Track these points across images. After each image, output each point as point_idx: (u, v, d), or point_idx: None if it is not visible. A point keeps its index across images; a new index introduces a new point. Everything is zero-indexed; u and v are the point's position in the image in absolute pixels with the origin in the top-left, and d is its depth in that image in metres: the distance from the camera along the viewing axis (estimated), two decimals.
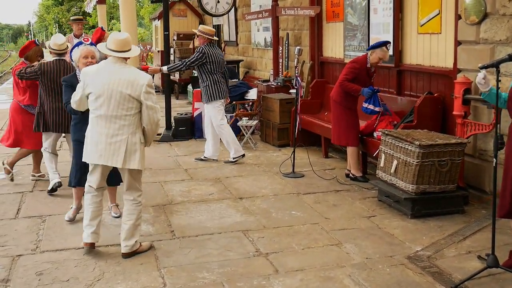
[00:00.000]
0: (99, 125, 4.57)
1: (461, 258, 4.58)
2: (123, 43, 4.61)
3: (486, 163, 5.95)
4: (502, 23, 5.58)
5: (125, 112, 4.53)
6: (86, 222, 4.78)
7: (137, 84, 4.52)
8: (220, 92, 7.76)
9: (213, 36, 7.89)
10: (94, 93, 4.54)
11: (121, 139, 4.54)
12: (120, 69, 4.57)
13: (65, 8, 62.99)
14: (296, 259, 4.62)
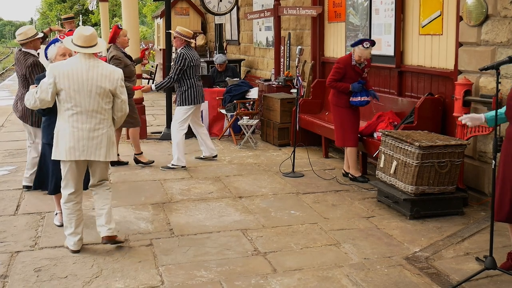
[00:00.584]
0: (79, 121, 4.54)
1: (459, 260, 4.58)
2: (90, 38, 4.61)
3: (485, 165, 5.95)
4: (504, 25, 5.58)
5: (104, 106, 4.61)
6: (71, 230, 4.75)
7: (113, 78, 4.63)
8: (195, 97, 7.53)
9: (191, 39, 7.64)
10: (71, 89, 4.49)
11: (102, 132, 4.62)
12: (95, 64, 4.59)
13: (67, 5, 62.95)
14: (294, 258, 4.62)
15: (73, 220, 4.75)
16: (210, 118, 9.79)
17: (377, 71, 7.93)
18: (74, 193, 4.73)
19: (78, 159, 4.59)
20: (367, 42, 6.68)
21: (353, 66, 6.80)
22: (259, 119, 9.45)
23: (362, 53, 6.68)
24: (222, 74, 10.75)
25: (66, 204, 4.75)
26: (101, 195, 4.86)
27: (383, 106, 7.45)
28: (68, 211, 4.75)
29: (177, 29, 7.66)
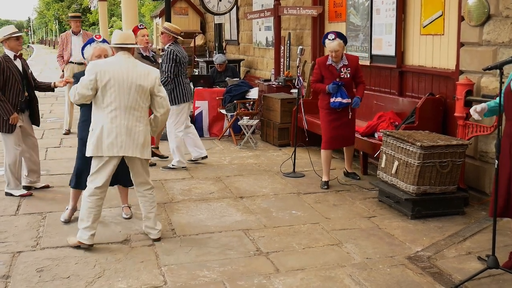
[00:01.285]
0: (118, 118, 4.67)
1: (461, 259, 4.59)
2: (127, 36, 4.85)
3: (486, 164, 5.96)
4: (505, 25, 5.58)
5: (141, 103, 4.75)
6: (87, 224, 4.76)
7: (151, 77, 4.78)
8: (184, 95, 7.42)
9: (179, 35, 7.50)
10: (112, 86, 4.63)
11: (139, 130, 4.75)
12: (134, 63, 4.78)
13: (65, 5, 62.99)
14: (297, 258, 4.63)
15: (92, 215, 4.78)
16: (210, 118, 9.79)
17: (378, 71, 7.94)
18: (101, 188, 4.79)
19: (116, 155, 4.70)
20: (332, 34, 6.45)
21: (327, 66, 6.55)
22: (259, 119, 9.45)
23: (329, 46, 6.42)
24: (222, 74, 10.75)
25: (90, 197, 4.77)
26: (148, 198, 4.99)
27: (384, 106, 7.46)
28: (90, 205, 4.77)
29: (165, 24, 7.54)
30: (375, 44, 7.82)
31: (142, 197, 5.00)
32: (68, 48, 9.95)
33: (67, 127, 10.17)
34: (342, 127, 6.69)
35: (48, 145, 9.06)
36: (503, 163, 4.19)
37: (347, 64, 6.52)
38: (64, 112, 10.40)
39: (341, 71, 6.51)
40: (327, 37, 6.47)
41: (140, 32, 7.55)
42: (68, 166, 7.58)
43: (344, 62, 6.52)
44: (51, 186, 6.74)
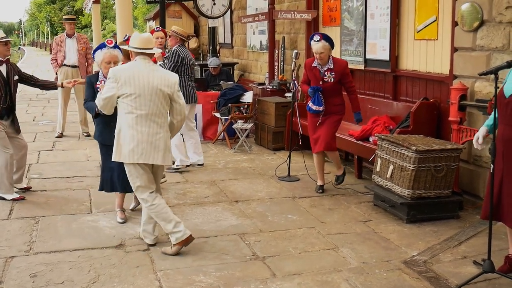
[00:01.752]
0: (140, 124, 4.63)
1: (457, 263, 4.60)
2: (148, 40, 4.78)
3: (480, 169, 5.98)
4: (499, 30, 5.61)
5: (163, 109, 4.71)
6: (174, 222, 4.71)
7: (170, 82, 4.74)
8: (187, 97, 7.43)
9: (185, 37, 7.66)
10: (134, 93, 4.59)
11: (160, 136, 4.71)
12: (154, 68, 4.74)
13: (57, 7, 62.76)
14: (293, 263, 4.62)
15: (169, 212, 4.77)
16: (204, 121, 9.78)
17: (372, 75, 7.96)
18: (153, 192, 4.77)
19: (137, 162, 4.66)
20: (317, 36, 6.24)
21: (312, 68, 6.38)
22: (253, 123, 9.45)
23: (313, 47, 6.23)
24: (216, 77, 10.74)
25: (154, 202, 4.73)
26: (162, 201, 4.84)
27: (378, 111, 7.48)
28: (160, 206, 4.74)
29: (173, 28, 7.73)
30: (370, 49, 7.84)
31: (163, 202, 4.86)
32: (62, 50, 9.91)
33: (60, 130, 10.12)
34: (318, 130, 6.54)
35: (40, 148, 9.00)
36: (497, 165, 4.22)
37: (332, 68, 6.28)
38: (57, 115, 10.35)
39: (324, 74, 6.30)
40: (313, 38, 6.29)
41: (154, 34, 7.63)
42: (61, 170, 7.56)
43: (330, 66, 6.28)
44: (32, 189, 6.68)
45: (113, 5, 46.97)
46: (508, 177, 4.16)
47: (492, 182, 4.20)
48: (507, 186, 4.17)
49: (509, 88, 4.12)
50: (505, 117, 4.14)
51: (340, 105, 6.46)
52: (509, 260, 4.36)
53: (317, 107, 6.35)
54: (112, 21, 46.54)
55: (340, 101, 6.46)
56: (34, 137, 9.87)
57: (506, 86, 4.16)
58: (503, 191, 4.20)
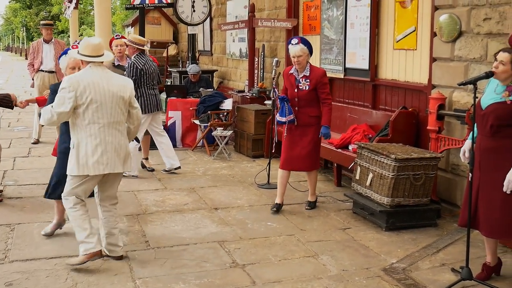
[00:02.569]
0: (104, 134, 4.45)
1: (435, 271, 4.64)
2: (99, 47, 4.53)
3: (458, 177, 6.05)
4: (477, 41, 5.70)
5: (123, 117, 4.59)
6: (87, 232, 4.52)
7: (126, 88, 4.60)
8: (147, 106, 7.41)
9: (144, 46, 7.55)
10: (95, 102, 4.38)
11: (122, 144, 4.59)
12: (110, 75, 4.56)
13: (33, 12, 62.04)
14: (273, 270, 4.61)
15: (87, 220, 4.56)
16: (183, 128, 9.75)
17: (351, 84, 8.02)
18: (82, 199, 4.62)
19: (102, 172, 4.48)
20: (295, 39, 5.96)
21: (289, 75, 6.09)
22: (233, 130, 9.44)
23: (291, 51, 5.92)
24: (195, 84, 10.72)
25: (75, 206, 4.54)
26: (113, 213, 4.77)
27: (358, 119, 7.53)
28: (80, 212, 4.55)
29: (129, 37, 7.69)
30: (349, 58, 7.90)
31: (107, 212, 4.74)
32: (39, 56, 9.80)
33: (36, 136, 9.98)
34: (294, 147, 6.12)
35: (16, 154, 8.87)
36: (473, 175, 4.29)
37: (308, 75, 5.96)
38: (33, 121, 10.22)
39: (300, 81, 5.98)
40: (291, 42, 6.00)
41: (114, 42, 7.59)
42: (37, 177, 7.45)
43: (306, 73, 5.97)
44: (8, 196, 6.57)
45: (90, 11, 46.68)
46: (484, 187, 4.24)
47: (471, 190, 4.27)
48: (482, 195, 4.24)
49: (485, 100, 4.22)
50: (481, 128, 4.23)
51: (317, 117, 6.05)
52: (486, 268, 4.43)
53: (286, 118, 5.99)
54: (90, 27, 46.20)
55: (317, 112, 6.05)
56: (9, 143, 9.73)
57: (483, 98, 4.26)
58: (479, 200, 4.27)
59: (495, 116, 4.10)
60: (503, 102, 4.10)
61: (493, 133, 4.15)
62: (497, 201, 4.14)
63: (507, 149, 4.12)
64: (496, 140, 4.15)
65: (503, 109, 4.09)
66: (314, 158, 6.20)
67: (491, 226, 4.20)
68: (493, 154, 4.17)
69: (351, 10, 7.80)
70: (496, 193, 4.14)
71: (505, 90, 4.12)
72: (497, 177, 4.12)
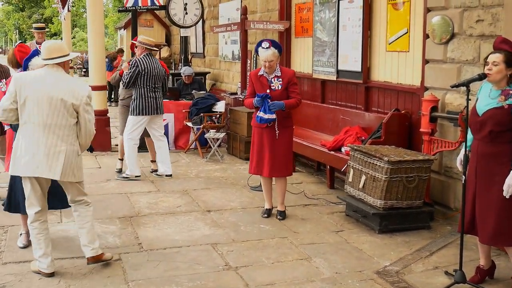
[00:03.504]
0: (36, 135, 4.29)
1: (428, 274, 4.63)
2: (52, 49, 4.42)
3: (451, 179, 6.06)
4: (469, 43, 5.72)
5: (65, 121, 4.35)
6: (41, 252, 4.46)
7: (78, 94, 4.38)
8: (144, 108, 7.41)
9: (153, 47, 7.62)
10: (31, 100, 4.27)
11: (60, 149, 4.34)
12: (61, 77, 4.40)
13: (26, 14, 61.76)
14: (266, 273, 4.60)
15: (42, 240, 4.48)
16: (176, 131, 9.73)
17: (344, 86, 8.02)
18: (40, 212, 4.48)
19: (32, 175, 4.35)
20: (266, 42, 5.82)
21: (259, 77, 5.93)
22: (225, 132, 9.43)
23: (262, 55, 5.81)
24: (188, 86, 10.71)
25: (33, 224, 4.48)
26: (80, 212, 4.60)
27: (350, 121, 7.53)
28: (36, 231, 4.48)
29: (139, 38, 7.72)
30: (342, 60, 7.91)
31: (75, 212, 4.63)
32: None
33: None
34: (267, 152, 5.96)
35: None
36: (469, 180, 4.27)
37: (279, 75, 5.89)
38: None
39: (272, 82, 5.88)
40: (261, 45, 5.83)
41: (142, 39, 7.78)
42: None
43: (277, 73, 5.90)
44: None
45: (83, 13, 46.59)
46: (480, 193, 4.20)
47: (463, 193, 4.27)
48: (479, 202, 4.21)
49: (481, 106, 4.16)
50: (478, 133, 4.18)
51: (290, 118, 6.02)
52: (480, 271, 4.42)
53: (270, 115, 5.79)
54: (82, 29, 46.11)
55: (289, 113, 6.00)
56: None
57: (478, 104, 4.20)
58: (476, 207, 4.23)
59: (494, 122, 4.05)
60: (500, 107, 4.05)
61: (492, 139, 4.09)
62: (494, 207, 4.10)
63: (505, 154, 4.07)
64: (495, 146, 4.10)
65: (501, 115, 4.03)
66: (288, 163, 6.11)
67: (488, 233, 4.16)
68: (491, 160, 4.12)
69: (343, 12, 7.80)
70: (492, 199, 4.11)
71: (500, 95, 4.08)
72: (494, 182, 4.09)
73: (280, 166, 5.97)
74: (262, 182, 6.24)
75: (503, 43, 4.17)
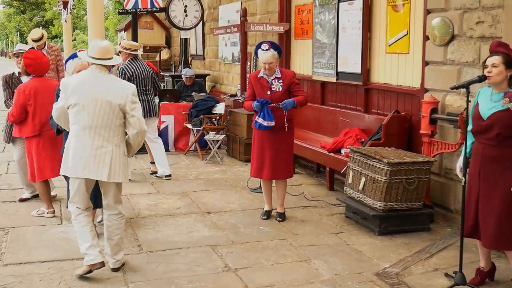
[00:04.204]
0: (84, 137, 4.37)
1: (428, 275, 4.63)
2: (106, 50, 4.49)
3: (451, 181, 6.05)
4: (469, 45, 5.72)
5: (111, 122, 4.40)
6: (88, 244, 4.47)
7: (123, 93, 4.42)
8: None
9: (136, 51, 7.64)
10: (78, 103, 4.36)
11: (106, 151, 4.39)
12: (105, 78, 4.47)
13: (27, 17, 61.84)
14: (266, 275, 4.59)
15: (88, 232, 4.50)
16: (176, 132, 9.73)
17: (344, 88, 8.02)
18: (81, 208, 4.55)
19: (78, 176, 4.41)
20: (266, 44, 5.84)
21: (259, 79, 5.92)
22: (225, 134, 9.43)
23: (262, 57, 5.81)
24: (189, 88, 10.71)
25: (77, 217, 4.52)
26: (113, 224, 4.61)
27: (350, 123, 7.53)
28: (81, 224, 4.51)
29: (122, 43, 7.79)
30: (341, 62, 7.91)
31: (107, 221, 4.63)
32: None
33: None
34: (267, 154, 5.94)
35: (10, 158, 8.79)
36: (472, 183, 4.25)
37: (279, 77, 5.88)
38: None
39: (272, 83, 5.85)
40: (260, 47, 5.84)
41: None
42: None
43: (277, 75, 5.88)
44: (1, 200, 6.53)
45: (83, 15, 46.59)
46: (484, 198, 4.17)
47: (463, 195, 4.26)
48: (482, 207, 4.18)
49: (485, 110, 4.13)
50: (484, 137, 4.15)
51: (290, 119, 5.97)
52: (480, 273, 4.42)
53: (269, 122, 5.77)
54: (83, 32, 46.11)
55: (290, 115, 5.97)
56: (3, 148, 9.66)
57: (481, 108, 4.16)
58: (479, 211, 4.21)
59: (502, 125, 4.02)
60: (506, 110, 4.03)
61: (499, 142, 4.07)
62: (495, 211, 4.09)
63: (509, 159, 4.06)
64: (501, 149, 4.08)
65: (508, 117, 4.01)
66: (289, 165, 6.08)
67: (489, 237, 4.14)
68: (496, 163, 4.10)
69: (343, 14, 7.81)
70: (494, 203, 4.09)
71: (504, 97, 4.06)
72: (497, 186, 4.08)
73: (281, 168, 5.97)
74: (262, 184, 6.25)
75: (499, 47, 4.18)
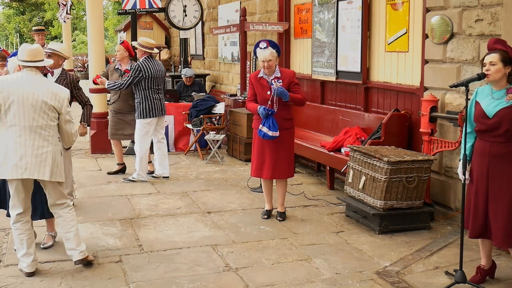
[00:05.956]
0: (22, 137, 4.35)
1: (429, 274, 4.63)
2: (35, 53, 4.52)
3: (451, 180, 6.05)
4: (469, 43, 5.72)
5: (49, 122, 4.44)
6: (23, 251, 4.50)
7: (59, 97, 4.49)
8: (150, 110, 7.43)
9: (153, 49, 7.67)
10: (15, 104, 4.33)
11: (47, 150, 4.42)
12: (42, 80, 4.52)
13: (26, 18, 61.78)
14: (266, 274, 4.60)
15: (24, 241, 4.52)
16: (176, 132, 9.73)
17: (343, 87, 8.03)
18: (22, 214, 4.53)
19: (21, 177, 4.38)
20: (264, 42, 5.82)
21: (259, 79, 5.89)
22: (225, 134, 9.43)
23: (260, 55, 5.78)
24: (188, 88, 10.71)
25: (15, 224, 4.53)
26: (64, 217, 4.62)
27: (350, 122, 7.53)
28: (18, 232, 4.52)
29: (139, 40, 7.73)
30: (341, 61, 7.91)
31: (58, 217, 4.64)
32: None
33: None
34: (268, 154, 5.94)
35: None
36: (479, 183, 4.22)
37: (279, 76, 5.84)
38: None
39: (272, 83, 5.79)
40: (259, 46, 5.82)
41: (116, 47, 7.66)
42: None
43: (277, 74, 5.85)
44: None
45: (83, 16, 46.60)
46: (494, 197, 4.14)
47: (463, 193, 4.25)
48: (493, 206, 4.14)
49: (489, 108, 4.12)
50: (491, 135, 4.12)
51: (290, 119, 6.00)
52: (480, 271, 4.41)
53: (274, 132, 5.74)
54: (82, 32, 46.13)
55: (290, 115, 5.99)
56: None
57: (485, 107, 4.14)
58: (489, 210, 4.17)
59: (510, 121, 4.01)
60: (511, 106, 4.02)
61: (507, 138, 4.06)
62: (510, 208, 4.08)
63: None
64: (510, 146, 4.07)
65: None
66: (290, 165, 6.06)
67: (503, 235, 4.11)
68: (504, 160, 4.09)
69: (342, 13, 7.81)
70: (507, 201, 4.08)
71: (506, 93, 4.05)
72: (505, 184, 4.08)
73: (282, 168, 5.97)
74: (262, 183, 6.25)
75: (496, 44, 4.18)
